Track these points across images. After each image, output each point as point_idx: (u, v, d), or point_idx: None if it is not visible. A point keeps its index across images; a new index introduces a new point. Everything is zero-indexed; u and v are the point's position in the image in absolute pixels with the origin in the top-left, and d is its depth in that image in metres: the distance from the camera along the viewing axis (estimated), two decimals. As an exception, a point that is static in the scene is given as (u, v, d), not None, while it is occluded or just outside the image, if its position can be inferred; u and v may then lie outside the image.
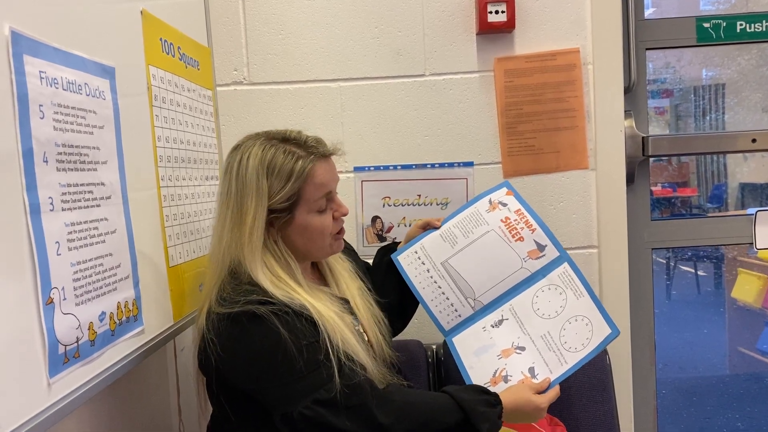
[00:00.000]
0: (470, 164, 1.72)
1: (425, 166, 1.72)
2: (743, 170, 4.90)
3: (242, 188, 1.10)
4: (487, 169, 1.72)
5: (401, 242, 1.39)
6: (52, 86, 0.85)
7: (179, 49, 1.34)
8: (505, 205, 1.33)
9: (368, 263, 1.44)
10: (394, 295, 1.35)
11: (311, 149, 1.13)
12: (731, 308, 3.91)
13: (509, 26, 1.65)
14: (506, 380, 1.19)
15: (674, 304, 5.05)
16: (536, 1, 1.69)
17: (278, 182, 1.09)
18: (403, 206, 1.73)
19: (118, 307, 1.00)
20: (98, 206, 0.95)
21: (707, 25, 1.78)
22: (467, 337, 1.27)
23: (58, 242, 0.84)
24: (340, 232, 1.20)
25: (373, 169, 1.72)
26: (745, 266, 3.70)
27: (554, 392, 1.16)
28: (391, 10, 1.69)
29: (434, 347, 1.65)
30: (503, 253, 1.29)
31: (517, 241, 1.29)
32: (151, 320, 1.12)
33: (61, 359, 0.84)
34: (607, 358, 1.57)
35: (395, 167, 1.72)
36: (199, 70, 1.47)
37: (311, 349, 1.03)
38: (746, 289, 3.61)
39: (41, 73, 0.82)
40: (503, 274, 1.28)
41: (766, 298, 3.49)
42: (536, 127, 1.71)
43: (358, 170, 1.72)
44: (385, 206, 1.73)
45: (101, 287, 0.95)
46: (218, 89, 1.68)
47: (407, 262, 1.33)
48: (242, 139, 1.17)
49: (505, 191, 1.36)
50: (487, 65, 1.70)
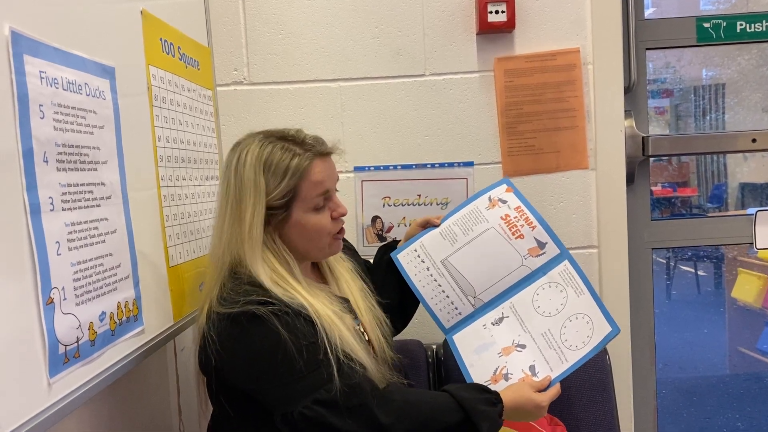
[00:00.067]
0: (470, 164, 1.72)
1: (425, 166, 1.72)
2: (743, 170, 4.90)
3: (240, 185, 1.10)
4: (487, 169, 1.72)
5: (401, 241, 1.39)
6: (52, 86, 0.85)
7: (179, 49, 1.34)
8: (504, 202, 1.32)
9: (369, 262, 1.44)
10: (394, 293, 1.34)
11: (308, 147, 1.13)
12: (731, 308, 3.91)
13: (509, 26, 1.65)
14: (507, 378, 1.18)
15: (674, 304, 5.05)
16: (536, 1, 1.69)
17: (274, 179, 1.09)
18: (403, 206, 1.73)
19: (118, 307, 1.00)
20: (98, 206, 0.95)
21: (707, 25, 1.78)
22: (467, 335, 1.26)
23: (58, 242, 0.84)
24: (339, 232, 1.19)
25: (373, 169, 1.72)
26: (745, 266, 3.70)
27: (555, 390, 1.15)
28: (391, 10, 1.69)
29: (434, 347, 1.65)
30: (503, 250, 1.28)
31: (517, 238, 1.28)
32: (151, 320, 1.11)
33: (61, 359, 0.84)
34: (607, 358, 1.57)
35: (395, 167, 1.72)
36: (199, 70, 1.47)
37: (311, 349, 1.03)
38: (746, 289, 3.61)
39: (41, 73, 0.82)
40: (503, 271, 1.28)
41: (766, 298, 3.49)
42: (536, 127, 1.71)
43: (358, 170, 1.72)
44: (385, 206, 1.73)
45: (101, 287, 0.95)
46: (218, 89, 1.68)
47: (407, 260, 1.32)
48: (242, 137, 1.17)
49: (504, 188, 1.35)
50: (487, 65, 1.70)
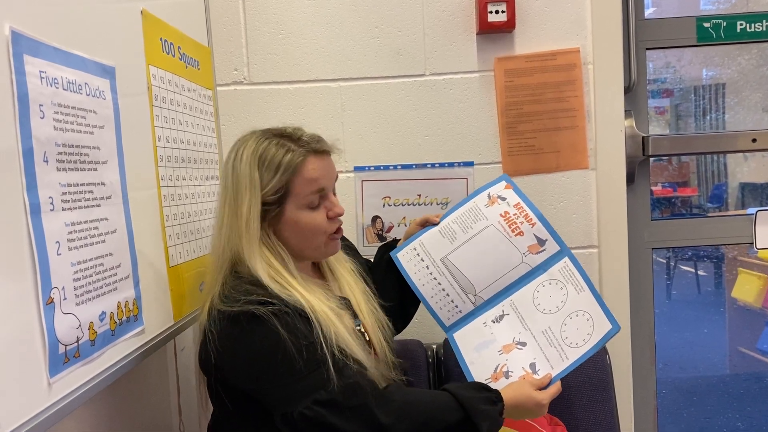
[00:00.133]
0: (470, 164, 1.72)
1: (425, 165, 1.72)
2: (743, 170, 4.90)
3: (237, 180, 1.11)
4: (487, 168, 1.72)
5: (401, 240, 1.39)
6: (52, 86, 0.85)
7: (179, 48, 1.34)
8: (504, 199, 1.31)
9: (370, 261, 1.44)
10: (393, 293, 1.34)
11: (303, 143, 1.13)
12: (731, 308, 3.91)
13: (509, 26, 1.65)
14: (507, 376, 1.18)
15: (674, 303, 5.05)
16: (536, 0, 1.69)
17: (268, 174, 1.10)
18: (403, 206, 1.73)
19: (118, 306, 1.00)
20: (98, 206, 0.95)
21: (707, 24, 1.78)
22: (468, 332, 1.26)
23: (58, 242, 0.84)
24: (336, 232, 1.17)
25: (373, 168, 1.72)
26: (745, 266, 3.70)
27: (555, 388, 1.15)
28: (391, 10, 1.69)
29: (434, 347, 1.65)
30: (503, 248, 1.27)
31: (516, 235, 1.27)
32: (151, 320, 1.11)
33: (61, 359, 0.84)
34: (607, 357, 1.57)
35: (395, 167, 1.72)
36: (199, 69, 1.47)
37: (311, 349, 1.03)
38: (746, 288, 3.61)
39: (41, 72, 0.82)
40: (503, 269, 1.27)
41: (766, 297, 3.49)
42: (536, 126, 1.71)
43: (358, 170, 1.72)
44: (385, 206, 1.73)
45: (101, 287, 0.95)
46: (218, 89, 1.68)
47: (406, 259, 1.32)
48: (243, 134, 1.18)
49: (503, 185, 1.34)
50: (487, 65, 1.70)
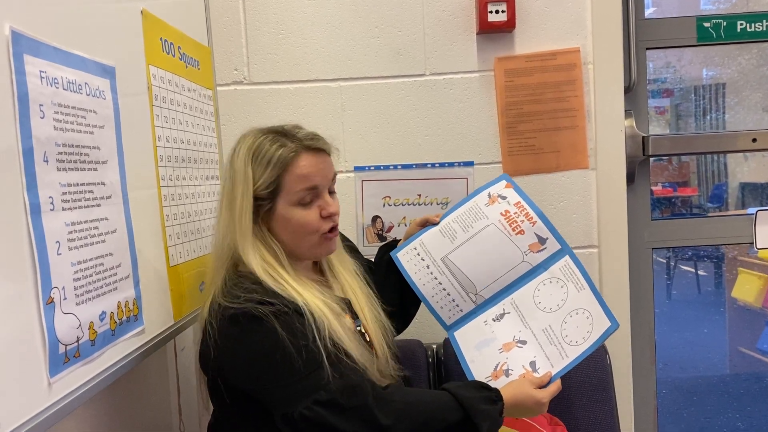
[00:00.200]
0: (470, 164, 1.72)
1: (425, 165, 1.72)
2: (743, 170, 4.90)
3: (233, 175, 1.13)
4: (487, 168, 1.72)
5: (401, 240, 1.38)
6: (52, 86, 0.85)
7: (179, 48, 1.34)
8: (504, 198, 1.31)
9: (371, 261, 1.43)
10: (394, 293, 1.34)
11: (298, 140, 1.13)
12: (731, 308, 3.91)
13: (509, 26, 1.65)
14: (507, 374, 1.18)
15: (674, 303, 5.05)
16: (536, 0, 1.69)
17: (260, 169, 1.11)
18: (403, 206, 1.73)
19: (118, 306, 1.00)
20: (98, 206, 0.95)
21: (707, 24, 1.78)
22: (468, 330, 1.26)
23: (58, 242, 0.84)
24: (331, 231, 1.16)
25: (373, 168, 1.72)
26: (745, 266, 3.70)
27: (555, 386, 1.15)
28: (391, 10, 1.69)
29: (434, 347, 1.65)
30: (504, 247, 1.27)
31: (517, 234, 1.27)
32: (151, 320, 1.11)
33: (61, 359, 0.84)
34: (607, 357, 1.57)
35: (395, 167, 1.72)
36: (199, 69, 1.47)
37: (311, 349, 1.03)
38: (746, 288, 3.61)
39: (41, 72, 0.82)
40: (504, 268, 1.27)
41: (766, 297, 3.49)
42: (536, 126, 1.70)
43: (358, 170, 1.72)
44: (385, 206, 1.73)
45: (101, 287, 0.95)
46: (218, 89, 1.68)
47: (406, 259, 1.32)
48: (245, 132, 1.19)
49: (504, 184, 1.34)
50: (487, 65, 1.70)
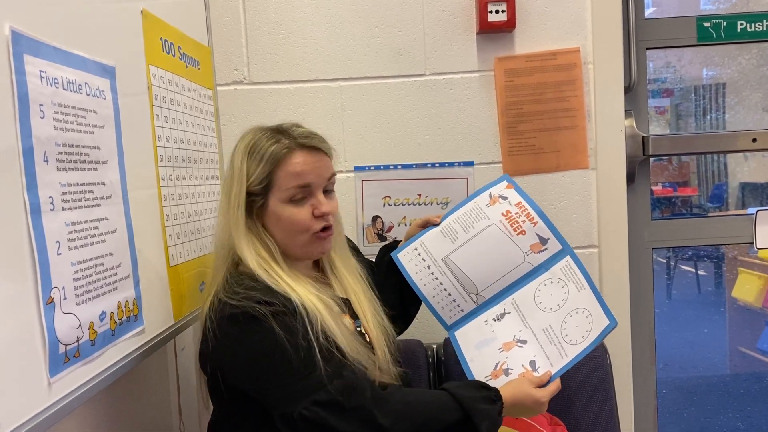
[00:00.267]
0: (470, 164, 1.72)
1: (425, 165, 1.72)
2: (744, 170, 4.91)
3: (231, 171, 1.14)
4: (487, 168, 1.72)
5: (401, 241, 1.38)
6: (52, 86, 0.85)
7: (180, 48, 1.34)
8: (505, 198, 1.31)
9: (372, 262, 1.43)
10: (395, 294, 1.34)
11: (292, 138, 1.13)
12: (732, 308, 3.91)
13: (509, 26, 1.65)
14: (507, 374, 1.18)
15: (675, 303, 5.05)
16: (536, 0, 1.69)
17: (254, 164, 1.12)
18: (403, 206, 1.73)
19: (118, 306, 1.00)
20: (99, 206, 0.95)
21: (708, 24, 1.78)
22: (469, 330, 1.26)
23: (58, 242, 0.84)
24: (324, 231, 1.15)
25: (373, 168, 1.72)
26: (745, 266, 3.71)
27: (555, 386, 1.15)
28: (391, 10, 1.69)
29: (434, 347, 1.65)
30: (505, 247, 1.27)
31: (519, 234, 1.27)
32: (151, 320, 1.11)
33: (61, 359, 0.84)
34: (607, 357, 1.57)
35: (395, 167, 1.72)
36: (199, 69, 1.47)
37: (310, 349, 1.03)
38: (747, 288, 3.62)
39: (41, 72, 0.82)
40: (505, 268, 1.27)
41: (766, 297, 3.49)
42: (536, 126, 1.70)
43: (358, 170, 1.72)
44: (385, 206, 1.73)
45: (102, 287, 0.95)
46: (218, 89, 1.68)
47: (407, 259, 1.32)
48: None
49: (505, 184, 1.34)
50: (487, 65, 1.70)
